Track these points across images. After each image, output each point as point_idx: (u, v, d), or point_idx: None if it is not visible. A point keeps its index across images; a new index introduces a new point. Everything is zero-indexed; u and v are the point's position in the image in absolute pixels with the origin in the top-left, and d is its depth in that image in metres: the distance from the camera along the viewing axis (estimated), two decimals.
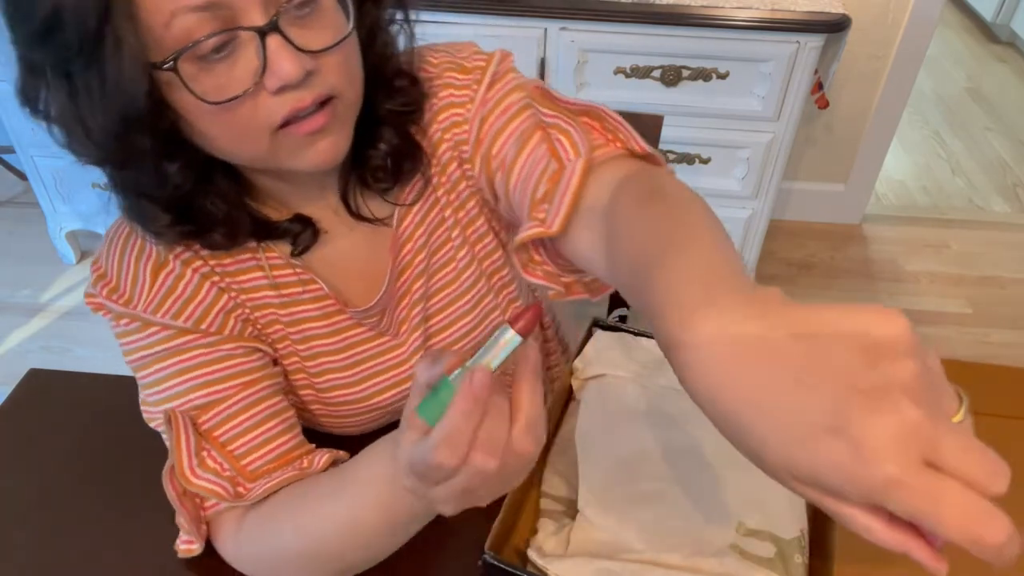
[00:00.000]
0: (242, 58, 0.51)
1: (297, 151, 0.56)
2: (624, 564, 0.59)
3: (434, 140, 0.68)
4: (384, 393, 0.74)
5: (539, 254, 0.59)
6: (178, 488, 0.64)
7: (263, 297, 0.67)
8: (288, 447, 0.66)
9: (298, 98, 0.53)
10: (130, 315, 0.63)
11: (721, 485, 0.64)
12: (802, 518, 0.63)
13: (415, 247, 0.71)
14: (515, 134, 0.62)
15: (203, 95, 0.51)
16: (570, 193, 0.54)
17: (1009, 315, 2.06)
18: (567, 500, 0.66)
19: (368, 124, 0.63)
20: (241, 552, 0.65)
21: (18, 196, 2.45)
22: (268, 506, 0.63)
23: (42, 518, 0.74)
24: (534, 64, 1.70)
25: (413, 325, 0.73)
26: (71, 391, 0.87)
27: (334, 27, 0.54)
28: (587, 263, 0.55)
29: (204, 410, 0.63)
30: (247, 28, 0.50)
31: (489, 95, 0.65)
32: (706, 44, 1.63)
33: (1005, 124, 2.86)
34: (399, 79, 0.64)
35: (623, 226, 0.49)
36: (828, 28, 1.58)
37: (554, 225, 0.54)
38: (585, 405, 0.71)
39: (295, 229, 0.66)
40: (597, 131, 0.61)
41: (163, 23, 0.48)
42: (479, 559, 0.58)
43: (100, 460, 0.79)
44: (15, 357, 1.96)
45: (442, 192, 0.70)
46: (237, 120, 0.53)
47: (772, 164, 1.80)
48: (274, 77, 0.51)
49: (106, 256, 0.64)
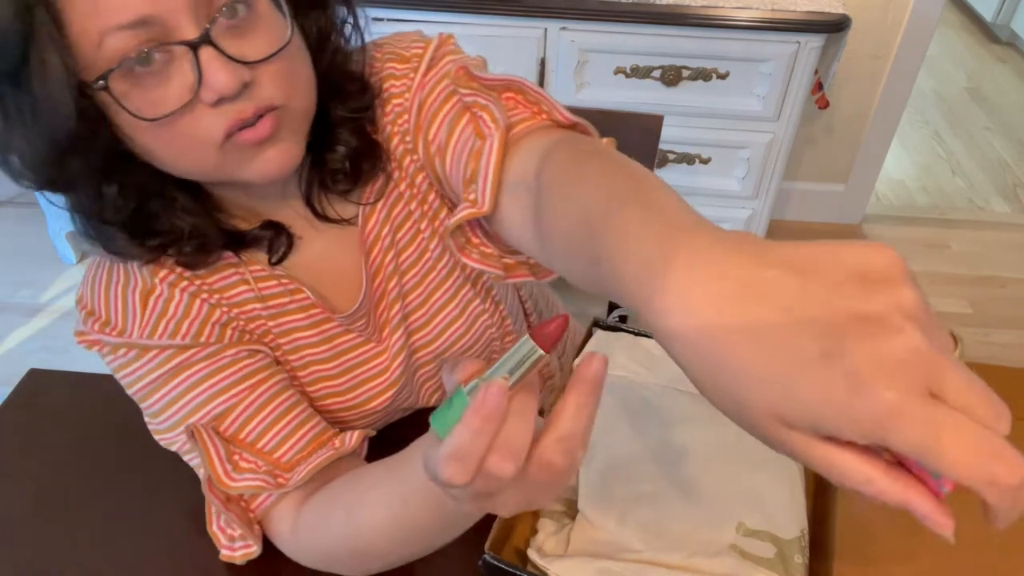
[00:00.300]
0: (177, 73, 0.50)
1: (245, 161, 0.55)
2: (624, 564, 0.59)
3: (386, 134, 0.67)
4: (376, 399, 0.74)
5: (477, 236, 0.58)
6: (220, 496, 0.63)
7: (252, 310, 0.67)
8: (315, 433, 0.66)
9: (239, 110, 0.52)
10: (127, 344, 0.63)
11: (721, 485, 0.64)
12: (802, 518, 0.63)
13: (383, 247, 0.70)
14: (448, 117, 0.61)
15: (138, 112, 0.50)
16: (492, 168, 0.53)
17: (1009, 315, 2.06)
18: (567, 500, 0.66)
19: (324, 128, 0.62)
20: (300, 546, 0.64)
21: (18, 196, 2.45)
22: (321, 500, 0.63)
23: (42, 518, 0.74)
24: (534, 64, 1.70)
25: (393, 326, 0.73)
26: (71, 391, 0.87)
27: (273, 37, 0.53)
28: (517, 238, 0.52)
29: (223, 417, 0.63)
30: (177, 43, 0.49)
31: (425, 79, 0.63)
32: (706, 44, 1.63)
33: (1005, 124, 2.86)
34: (351, 83, 0.63)
35: (558, 189, 0.46)
36: (828, 28, 1.58)
37: (485, 204, 0.52)
38: None
39: (266, 236, 0.65)
40: (522, 104, 0.58)
41: (94, 44, 0.48)
42: (479, 559, 0.58)
43: (100, 460, 0.79)
44: (15, 357, 1.96)
45: (404, 186, 0.69)
46: (178, 135, 0.52)
47: (772, 164, 1.80)
48: (209, 90, 0.50)
49: (90, 293, 0.63)
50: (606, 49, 1.67)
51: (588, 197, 0.42)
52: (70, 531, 0.73)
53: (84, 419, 0.83)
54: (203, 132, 0.52)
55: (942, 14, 1.96)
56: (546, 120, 0.57)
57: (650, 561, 0.59)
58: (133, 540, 0.71)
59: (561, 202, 0.45)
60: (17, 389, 0.87)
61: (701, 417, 0.68)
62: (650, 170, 0.45)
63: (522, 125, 0.56)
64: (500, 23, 1.64)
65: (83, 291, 0.64)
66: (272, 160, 0.56)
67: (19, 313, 2.08)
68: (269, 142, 0.55)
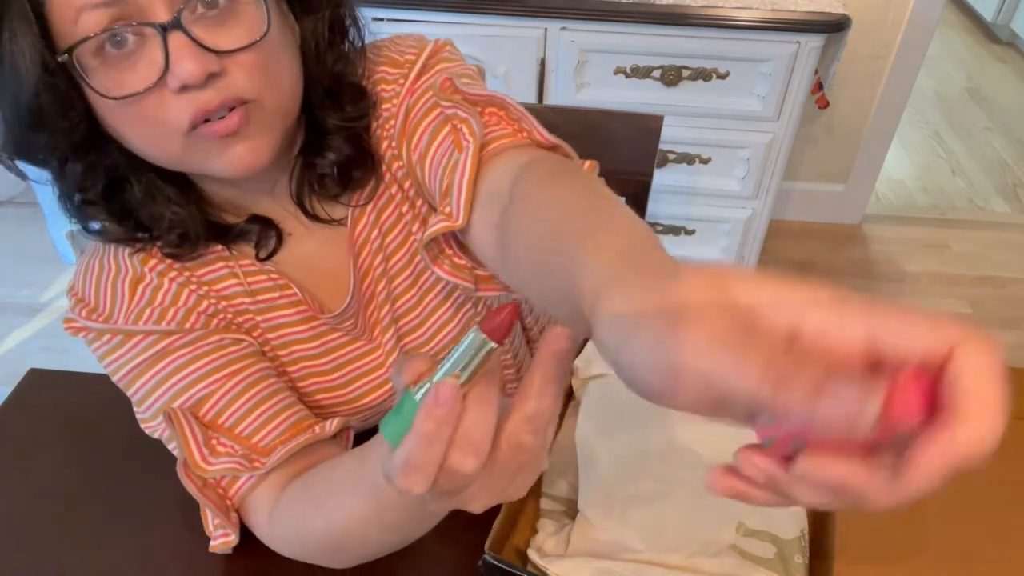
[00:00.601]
0: (145, 55, 0.51)
1: (211, 155, 0.55)
2: (624, 564, 0.59)
3: (376, 137, 0.67)
4: (371, 394, 0.74)
5: (451, 247, 0.58)
6: (197, 481, 0.63)
7: (240, 304, 0.67)
8: (295, 419, 0.65)
9: (203, 99, 0.52)
10: (111, 330, 0.63)
11: None
12: (802, 518, 0.63)
13: (372, 249, 0.70)
14: (431, 127, 0.61)
15: (104, 90, 0.51)
16: (466, 181, 0.53)
17: (1009, 315, 2.06)
18: (567, 500, 0.66)
19: (318, 132, 0.62)
20: (276, 535, 0.64)
21: (18, 196, 2.45)
22: (296, 489, 0.62)
23: (42, 518, 0.74)
24: (534, 64, 1.70)
25: (384, 326, 0.73)
26: (71, 391, 0.87)
27: (251, 28, 0.53)
28: (480, 246, 0.52)
29: (203, 403, 0.63)
30: (147, 24, 0.50)
31: (415, 86, 0.63)
32: (706, 44, 1.63)
33: (1005, 124, 2.86)
34: (349, 90, 0.62)
35: (530, 200, 0.46)
36: (828, 28, 1.58)
37: (459, 218, 0.52)
38: (585, 405, 0.71)
39: (253, 230, 0.65)
40: (504, 121, 0.58)
41: (71, 20, 0.49)
42: (479, 559, 0.58)
43: (100, 460, 0.79)
44: (15, 357, 1.96)
45: (395, 189, 0.69)
46: (144, 118, 0.53)
47: (772, 164, 1.80)
48: (174, 76, 0.50)
49: (82, 282, 0.65)
50: (606, 49, 1.67)
51: (559, 212, 0.43)
52: (70, 531, 0.73)
53: (84, 419, 0.83)
54: (170, 118, 0.52)
55: (942, 14, 1.96)
56: (526, 139, 0.57)
57: (650, 561, 0.59)
58: (133, 540, 0.71)
59: (532, 216, 0.45)
60: (17, 389, 0.87)
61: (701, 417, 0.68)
62: (624, 199, 0.45)
63: (502, 140, 0.56)
64: (500, 23, 1.64)
65: (75, 280, 0.65)
66: (239, 157, 0.55)
67: (19, 313, 2.08)
68: (236, 137, 0.54)
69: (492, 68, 1.69)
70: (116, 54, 0.50)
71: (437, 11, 1.62)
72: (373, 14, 1.64)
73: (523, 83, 1.71)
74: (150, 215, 0.61)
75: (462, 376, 0.37)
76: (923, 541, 0.61)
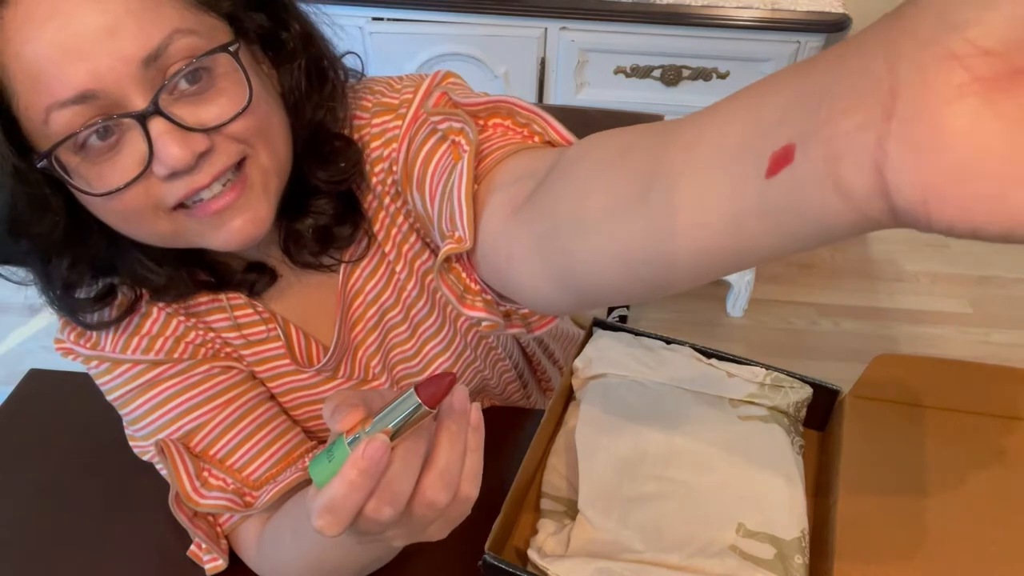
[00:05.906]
0: (128, 145, 0.48)
1: (206, 232, 0.53)
2: (624, 564, 0.59)
3: (377, 192, 0.64)
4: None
5: (475, 282, 0.51)
6: (188, 512, 0.64)
7: (228, 337, 0.67)
8: (286, 450, 0.66)
9: (193, 181, 0.49)
10: (99, 357, 0.63)
11: (721, 486, 0.64)
12: (802, 519, 0.63)
13: (366, 300, 0.69)
14: (425, 147, 0.57)
15: (87, 188, 0.49)
16: (464, 196, 0.47)
17: (1009, 315, 2.06)
18: (567, 500, 0.66)
19: (301, 192, 0.59)
20: (261, 563, 0.65)
21: None
22: (279, 516, 0.63)
23: (42, 518, 0.74)
24: (534, 64, 1.70)
25: (376, 373, 0.73)
26: (71, 391, 0.87)
27: (233, 97, 0.50)
28: (508, 248, 0.45)
29: (193, 434, 0.63)
30: (123, 115, 0.47)
31: (418, 114, 0.58)
32: (706, 44, 1.63)
33: None
34: (333, 141, 0.59)
35: (584, 147, 0.40)
36: (828, 28, 1.58)
37: (467, 238, 0.47)
38: (585, 405, 0.71)
39: (251, 279, 0.64)
40: (512, 130, 0.53)
41: (41, 121, 0.46)
42: (479, 559, 0.58)
43: (100, 460, 0.79)
44: (15, 357, 1.96)
45: (390, 247, 0.67)
46: (129, 208, 0.50)
47: None
48: (160, 164, 0.48)
49: None
50: (606, 49, 1.67)
51: (633, 136, 0.36)
52: (70, 531, 0.73)
53: (84, 419, 0.83)
54: (156, 203, 0.50)
55: None
56: (539, 142, 0.52)
57: (650, 562, 0.59)
58: (133, 540, 0.71)
59: (595, 146, 0.39)
60: (17, 389, 0.87)
61: (702, 417, 0.68)
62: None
63: (507, 148, 0.51)
64: (500, 23, 1.64)
65: None
66: (237, 230, 0.53)
67: (19, 313, 2.07)
68: (231, 211, 0.52)
69: (492, 68, 1.69)
70: (96, 148, 0.48)
71: (437, 11, 1.62)
72: (373, 14, 1.64)
73: (523, 83, 1.71)
74: (137, 281, 0.61)
75: (393, 432, 0.39)
76: (923, 541, 0.61)
